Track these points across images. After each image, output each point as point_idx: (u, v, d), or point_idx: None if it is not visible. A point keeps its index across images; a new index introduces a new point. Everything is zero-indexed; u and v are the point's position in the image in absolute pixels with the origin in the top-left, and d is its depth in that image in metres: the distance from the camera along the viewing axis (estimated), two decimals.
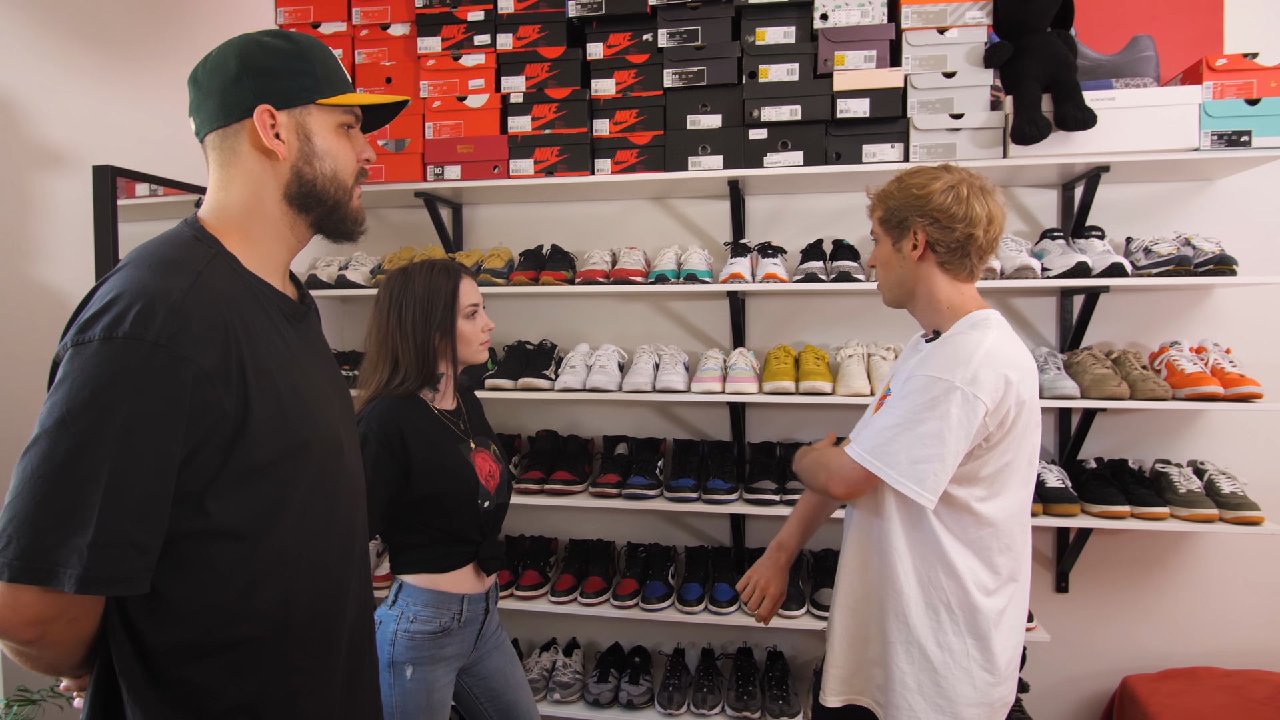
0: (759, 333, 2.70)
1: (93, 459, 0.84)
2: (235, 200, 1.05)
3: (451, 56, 2.59)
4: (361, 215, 1.15)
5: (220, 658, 0.97)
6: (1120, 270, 2.18)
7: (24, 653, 0.90)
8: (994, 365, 1.35)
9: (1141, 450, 2.50)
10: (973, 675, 1.42)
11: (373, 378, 1.74)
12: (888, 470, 1.38)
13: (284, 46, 1.05)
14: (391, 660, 1.67)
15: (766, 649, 2.66)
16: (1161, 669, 2.49)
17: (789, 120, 2.37)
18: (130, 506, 0.86)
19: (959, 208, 1.43)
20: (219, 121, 1.04)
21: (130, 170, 2.08)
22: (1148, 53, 2.37)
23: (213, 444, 0.92)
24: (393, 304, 1.74)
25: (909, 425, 1.37)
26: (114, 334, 0.87)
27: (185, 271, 0.95)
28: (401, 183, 2.61)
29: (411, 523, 1.72)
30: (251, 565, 0.98)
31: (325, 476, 1.07)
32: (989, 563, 1.43)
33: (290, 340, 1.07)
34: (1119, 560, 2.53)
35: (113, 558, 0.85)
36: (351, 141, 1.11)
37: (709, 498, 2.43)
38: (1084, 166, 2.28)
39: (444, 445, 1.74)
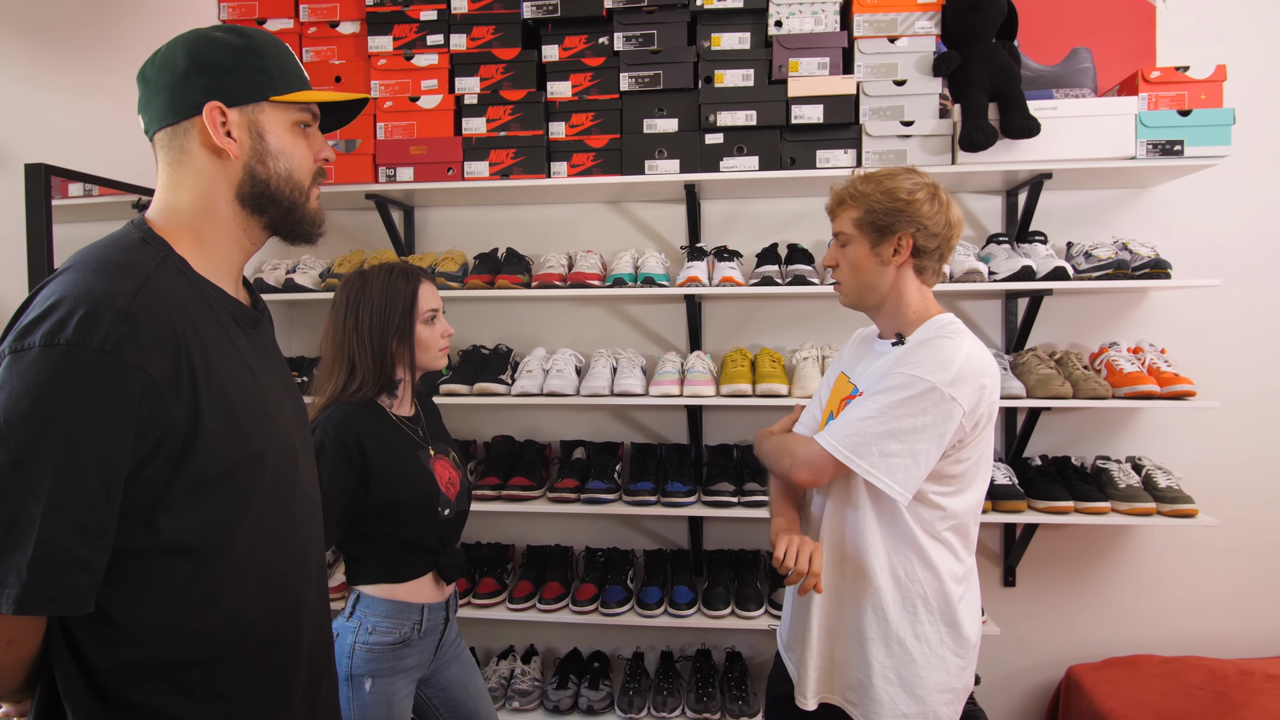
0: (715, 336, 2.72)
1: (33, 471, 0.80)
2: (185, 201, 1.01)
3: (404, 56, 2.54)
4: (320, 217, 1.11)
5: (171, 678, 0.93)
6: (1063, 274, 2.26)
7: None
8: (972, 371, 1.38)
9: (1083, 447, 2.59)
10: (947, 662, 1.45)
11: (328, 384, 1.70)
12: (859, 462, 1.38)
13: (235, 42, 1.01)
14: (350, 673, 1.63)
15: (725, 650, 2.68)
16: (1104, 658, 2.58)
17: (744, 125, 2.39)
18: (74, 521, 0.82)
19: (941, 215, 1.45)
20: (167, 119, 0.99)
21: (65, 169, 1.99)
22: (1085, 64, 2.46)
23: (162, 455, 0.88)
24: (349, 308, 1.70)
25: (885, 420, 1.37)
26: (56, 340, 0.82)
27: (132, 275, 0.90)
28: (352, 184, 2.55)
29: (369, 532, 1.67)
30: (203, 581, 0.94)
31: (280, 488, 1.03)
32: (957, 554, 1.47)
33: (243, 347, 1.03)
34: (1063, 554, 2.62)
35: (55, 575, 0.81)
36: (308, 140, 1.07)
37: (667, 500, 2.44)
38: (1027, 173, 2.36)
39: (403, 452, 1.70)
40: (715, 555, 2.66)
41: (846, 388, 1.58)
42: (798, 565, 1.37)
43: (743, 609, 2.43)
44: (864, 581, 1.47)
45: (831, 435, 1.43)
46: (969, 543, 1.49)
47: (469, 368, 2.56)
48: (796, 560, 1.37)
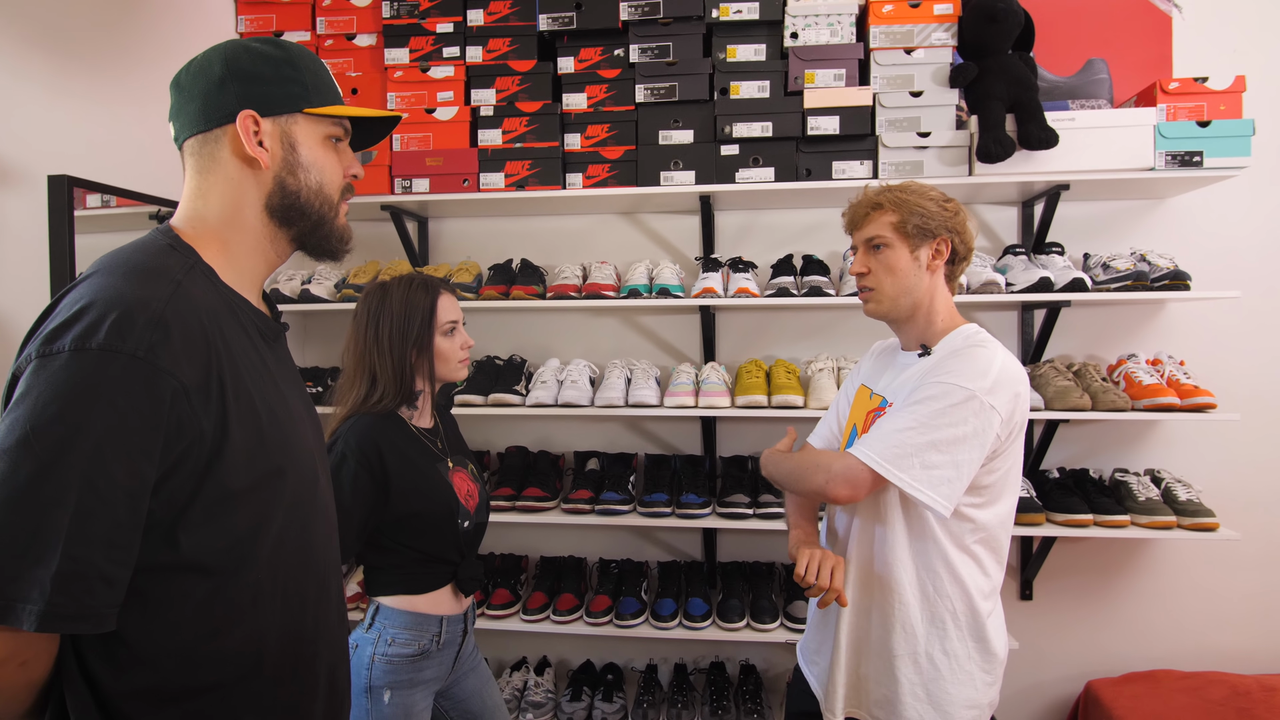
0: (730, 347, 2.71)
1: (59, 481, 0.77)
2: (213, 209, 0.99)
3: (420, 68, 2.56)
4: (348, 233, 1.09)
5: (185, 706, 0.89)
6: (1081, 285, 2.25)
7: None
8: (1008, 379, 1.38)
9: (1101, 460, 2.57)
10: (975, 678, 1.43)
11: (349, 395, 1.69)
12: (900, 474, 1.33)
13: (272, 53, 1.01)
14: (369, 685, 1.62)
15: (739, 662, 2.66)
16: (1123, 673, 2.55)
17: (760, 136, 2.40)
18: (99, 534, 0.78)
19: (971, 227, 1.49)
20: (200, 126, 0.98)
21: (87, 180, 2.00)
22: (1101, 75, 2.45)
23: (186, 468, 0.86)
24: (370, 319, 1.70)
25: (924, 430, 1.34)
26: (87, 344, 0.79)
27: (164, 280, 0.88)
28: (368, 195, 2.56)
29: (389, 543, 1.67)
30: (221, 603, 0.91)
31: (301, 507, 1.00)
32: (985, 568, 1.45)
33: (267, 360, 1.02)
34: (1081, 567, 2.59)
35: (79, 591, 0.77)
36: (339, 155, 1.06)
37: (682, 512, 2.43)
38: (1044, 185, 2.35)
39: (423, 465, 1.69)
40: (730, 567, 2.64)
41: (873, 401, 1.57)
42: (819, 580, 1.37)
43: (758, 621, 2.41)
44: (892, 597, 1.45)
45: (869, 448, 1.38)
46: (999, 556, 1.47)
47: (483, 378, 2.56)
48: (819, 575, 1.37)
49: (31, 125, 1.94)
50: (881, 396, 1.54)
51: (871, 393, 1.59)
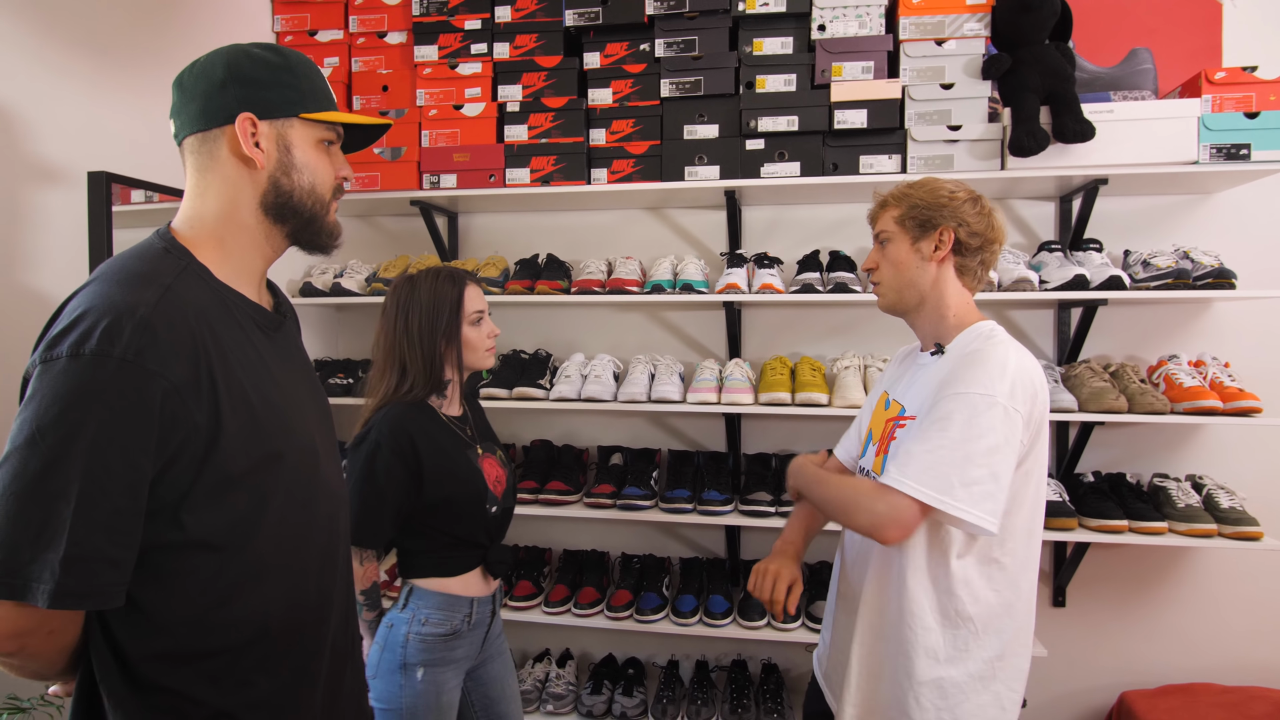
0: (755, 344, 2.69)
1: (63, 475, 0.85)
2: (210, 208, 1.05)
3: (448, 65, 2.58)
4: (337, 230, 1.15)
5: (199, 666, 0.98)
6: (1119, 283, 2.17)
7: (7, 663, 0.92)
8: (1024, 380, 1.34)
9: (1139, 464, 2.48)
10: (1002, 698, 1.40)
11: (381, 385, 1.74)
12: (949, 501, 1.28)
13: (272, 59, 1.06)
14: (403, 662, 1.68)
15: (761, 661, 2.64)
16: (1159, 685, 2.47)
17: (786, 131, 2.37)
18: (101, 521, 0.86)
19: (983, 219, 1.45)
20: (200, 125, 1.04)
21: (125, 176, 2.07)
22: (1146, 65, 2.36)
23: (185, 457, 0.93)
24: (399, 311, 1.75)
25: (957, 447, 1.29)
26: (81, 350, 0.87)
27: (153, 285, 0.94)
28: (397, 191, 2.60)
29: (421, 527, 1.73)
30: (228, 575, 0.98)
31: (301, 486, 1.07)
32: (1013, 583, 1.40)
33: (264, 351, 1.07)
34: (1116, 575, 2.51)
35: (85, 572, 0.85)
36: (331, 158, 1.12)
37: (704, 509, 2.42)
38: (1082, 179, 2.27)
39: (453, 451, 1.74)
40: (752, 565, 2.62)
41: (890, 410, 1.54)
42: (765, 592, 1.49)
43: (779, 621, 2.39)
44: (912, 621, 1.40)
45: (907, 477, 1.31)
46: (1023, 565, 1.41)
47: (508, 372, 2.58)
48: (773, 591, 1.49)
49: (74, 124, 2.01)
50: (900, 405, 1.51)
51: (889, 400, 1.56)
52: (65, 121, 1.99)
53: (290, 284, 2.76)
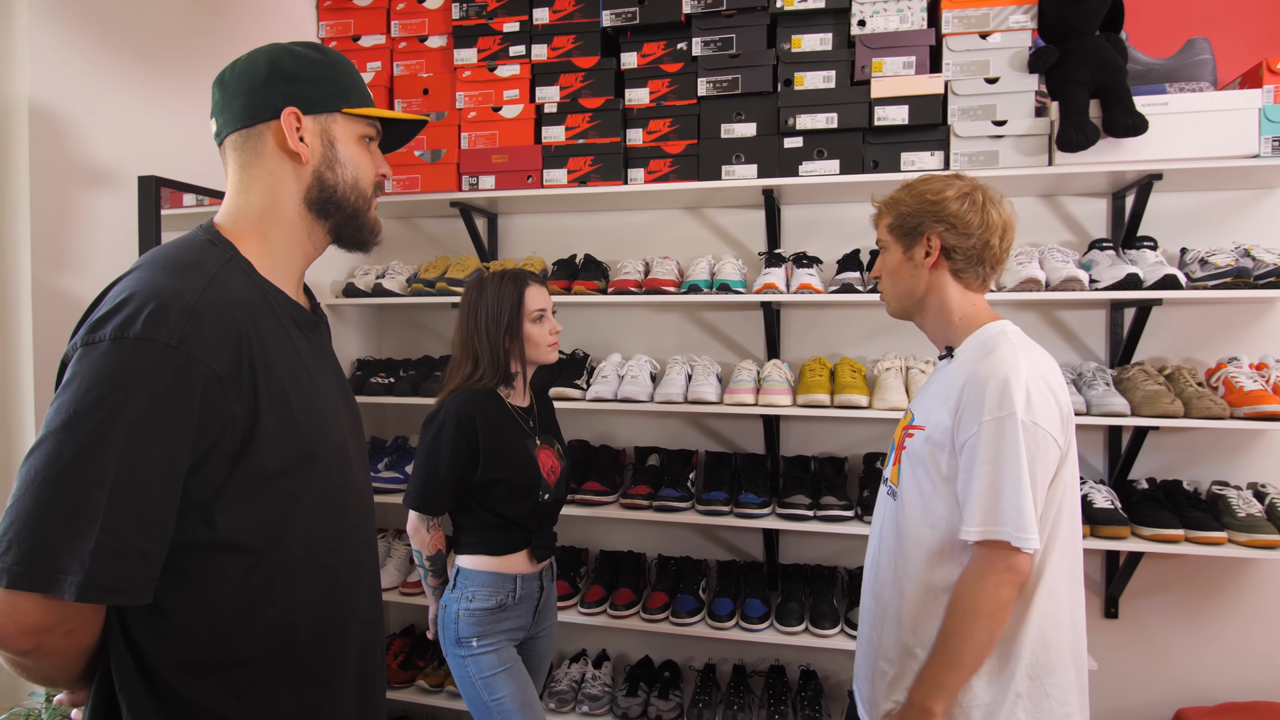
0: (794, 344, 2.65)
1: (99, 461, 0.81)
2: (254, 203, 1.04)
3: (487, 68, 2.61)
4: (378, 226, 1.14)
5: (223, 677, 0.94)
6: (1174, 282, 2.09)
7: (20, 663, 0.86)
8: (1039, 386, 1.31)
9: (1196, 471, 2.38)
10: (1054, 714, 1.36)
11: (457, 374, 1.91)
12: (1007, 530, 1.27)
13: (314, 56, 1.06)
14: (458, 637, 1.84)
15: (799, 667, 2.60)
16: (1218, 702, 2.36)
17: (825, 128, 2.33)
18: (136, 512, 0.83)
19: (975, 214, 1.40)
20: (243, 121, 1.03)
21: (174, 181, 2.13)
22: (1204, 56, 2.27)
23: (221, 451, 0.90)
24: (471, 310, 1.91)
25: (997, 476, 1.29)
26: (125, 334, 0.84)
27: (199, 273, 0.93)
28: (437, 193, 2.63)
29: (474, 505, 1.88)
30: (256, 580, 0.95)
31: (333, 489, 1.04)
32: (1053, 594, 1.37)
33: (302, 349, 1.05)
34: (1172, 586, 2.41)
35: (116, 564, 0.82)
36: (370, 154, 1.11)
37: (741, 511, 2.39)
38: (1135, 174, 2.19)
39: (512, 438, 1.89)
40: (790, 569, 2.59)
41: (906, 417, 1.54)
42: None
43: (817, 626, 2.35)
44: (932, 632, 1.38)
45: (973, 525, 1.31)
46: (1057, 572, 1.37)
47: (545, 372, 2.59)
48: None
49: (125, 128, 2.07)
50: (912, 414, 1.52)
51: (908, 409, 1.56)
52: (117, 126, 2.05)
53: (333, 285, 2.81)
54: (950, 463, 1.38)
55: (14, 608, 0.81)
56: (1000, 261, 1.45)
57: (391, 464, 2.72)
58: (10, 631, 0.81)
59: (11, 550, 0.80)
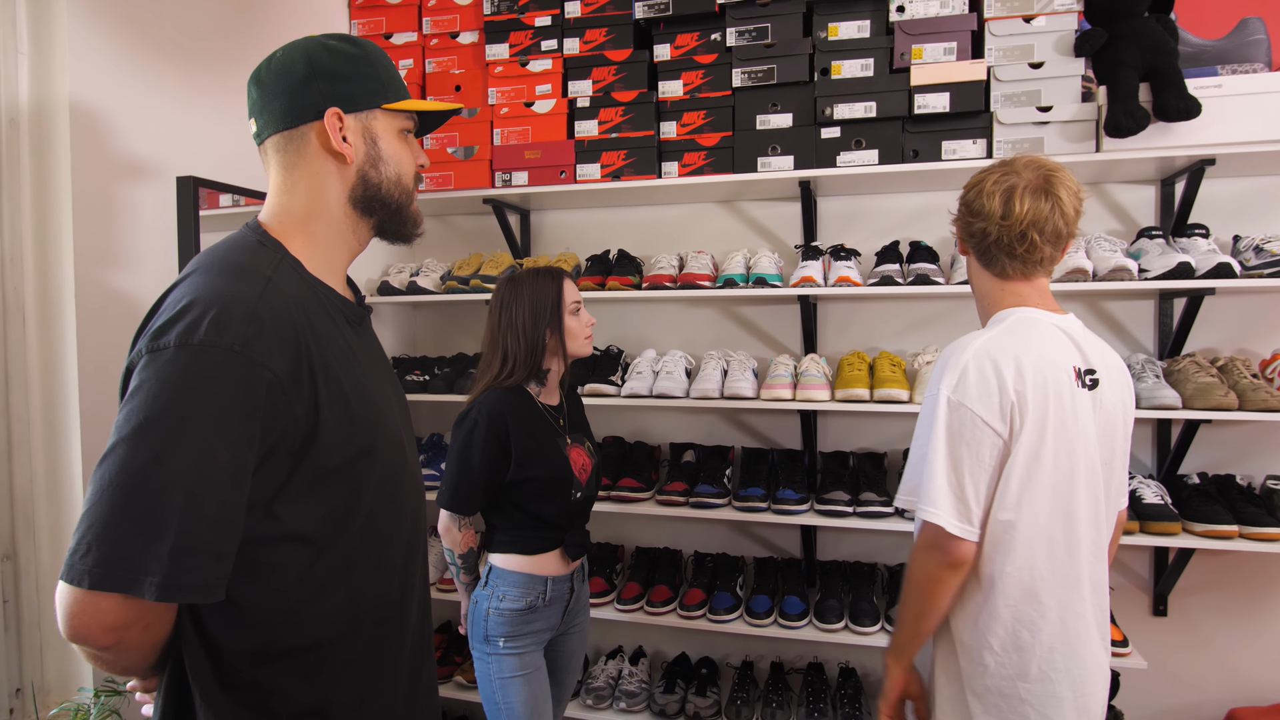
0: (831, 338, 2.62)
1: (171, 466, 0.83)
2: (299, 203, 1.05)
3: (519, 63, 2.59)
4: (419, 218, 1.15)
5: (290, 661, 0.97)
6: (1228, 271, 2.02)
7: (100, 657, 0.90)
8: (982, 366, 1.32)
9: (1250, 465, 2.31)
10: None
11: (486, 372, 1.92)
12: (911, 499, 1.38)
13: (351, 51, 1.06)
14: (486, 635, 1.85)
15: (839, 665, 2.57)
16: (1272, 702, 2.30)
17: (863, 118, 2.29)
18: (209, 514, 0.85)
19: (976, 201, 1.43)
20: (285, 123, 1.03)
21: (212, 181, 2.15)
22: (1258, 36, 2.19)
23: (283, 450, 0.92)
24: (503, 308, 1.91)
25: (917, 449, 1.37)
26: (190, 340, 0.86)
27: (255, 277, 0.94)
28: (470, 189, 2.62)
29: (506, 504, 1.89)
30: (320, 569, 0.97)
31: (390, 481, 1.06)
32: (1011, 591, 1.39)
33: (353, 344, 1.06)
34: (1223, 583, 2.35)
35: (192, 565, 0.84)
36: (409, 146, 1.12)
37: (778, 508, 2.36)
38: (1186, 160, 2.12)
39: (543, 437, 1.89)
40: (828, 566, 2.56)
41: None
42: None
43: (857, 624, 2.32)
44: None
45: (899, 494, 1.43)
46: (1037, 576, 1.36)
47: (580, 368, 2.58)
48: None
49: (163, 128, 2.09)
50: None
51: None
52: (155, 125, 2.07)
53: (368, 283, 2.82)
54: None
55: (96, 607, 0.84)
56: (1015, 250, 1.40)
57: (427, 461, 2.73)
58: (92, 629, 0.85)
59: (92, 553, 0.82)
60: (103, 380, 1.91)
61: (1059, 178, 1.38)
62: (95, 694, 1.90)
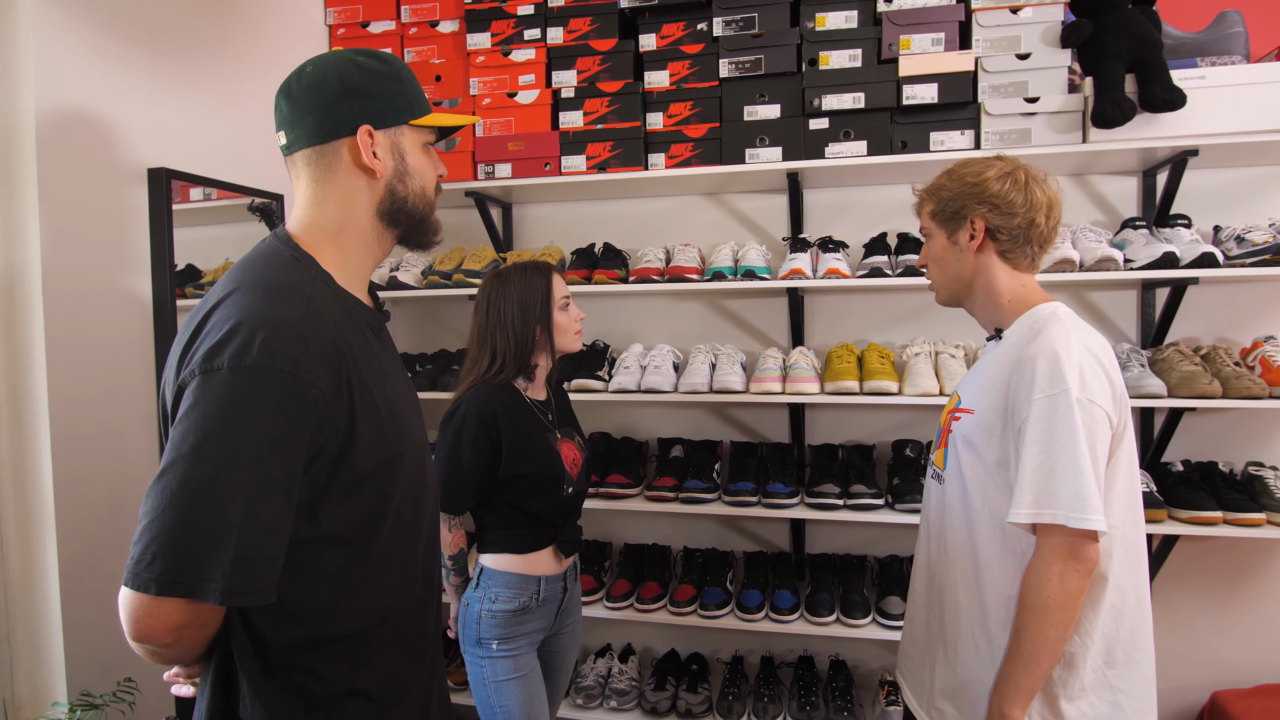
0: (820, 331, 2.61)
1: (230, 480, 0.89)
2: (331, 216, 1.09)
3: (501, 52, 2.54)
4: (439, 225, 1.20)
5: (328, 648, 1.04)
6: (1212, 260, 2.04)
7: (159, 653, 0.96)
8: (1092, 364, 1.28)
9: (1232, 453, 2.35)
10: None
11: (473, 369, 1.88)
12: (1062, 512, 1.23)
13: (380, 68, 1.09)
14: (479, 637, 1.82)
15: (829, 657, 2.57)
16: (1255, 685, 2.34)
17: (851, 109, 2.28)
18: (265, 523, 0.91)
19: (1018, 193, 1.38)
20: (317, 139, 1.07)
21: (185, 173, 2.07)
22: (1236, 28, 2.22)
23: (324, 459, 0.98)
24: (491, 305, 1.88)
25: (1050, 455, 1.25)
26: (243, 362, 0.91)
27: (297, 297, 0.99)
28: (452, 182, 2.56)
29: (498, 502, 1.85)
30: (356, 565, 1.04)
31: (414, 483, 1.13)
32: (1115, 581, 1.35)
33: (379, 353, 1.11)
34: (1206, 569, 2.38)
35: (250, 571, 0.90)
36: (431, 159, 1.16)
37: (769, 502, 2.35)
38: (1169, 151, 2.15)
39: (533, 432, 1.86)
40: (819, 559, 2.55)
41: (953, 400, 1.52)
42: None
43: (848, 616, 2.32)
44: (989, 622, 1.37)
45: (1021, 507, 1.27)
46: (1118, 562, 1.34)
47: (566, 364, 2.54)
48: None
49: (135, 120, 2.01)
50: (959, 396, 1.50)
51: (954, 392, 1.54)
52: (125, 116, 1.99)
53: None
54: (1002, 447, 1.34)
55: (161, 610, 0.90)
56: (1048, 240, 1.43)
57: None
58: (157, 630, 0.92)
59: (157, 562, 0.88)
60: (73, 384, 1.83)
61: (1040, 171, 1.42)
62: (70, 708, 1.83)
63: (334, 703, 1.05)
